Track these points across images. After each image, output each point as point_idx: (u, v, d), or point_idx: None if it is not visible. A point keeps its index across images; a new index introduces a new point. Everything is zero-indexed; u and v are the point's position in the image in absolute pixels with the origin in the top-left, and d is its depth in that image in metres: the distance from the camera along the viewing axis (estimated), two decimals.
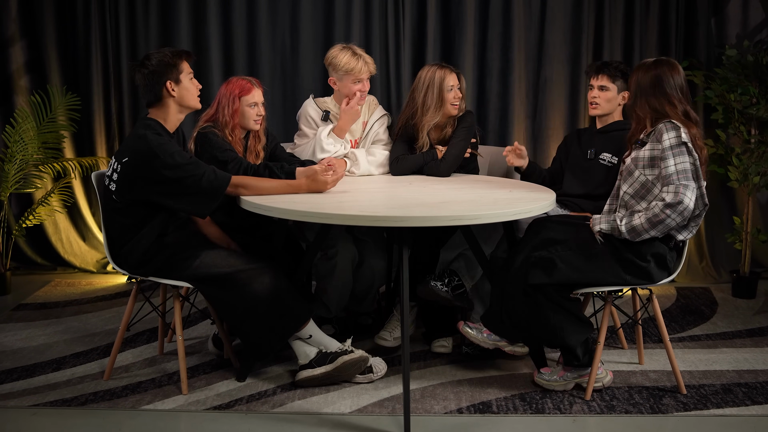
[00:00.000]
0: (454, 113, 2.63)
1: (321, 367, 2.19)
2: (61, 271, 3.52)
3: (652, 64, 2.16)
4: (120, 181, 2.11)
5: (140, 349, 2.55)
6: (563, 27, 3.34)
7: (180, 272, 2.15)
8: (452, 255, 2.46)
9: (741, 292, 3.20)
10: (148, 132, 2.10)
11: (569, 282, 2.13)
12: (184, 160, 2.08)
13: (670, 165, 2.05)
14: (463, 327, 2.26)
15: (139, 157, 2.07)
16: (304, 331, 2.21)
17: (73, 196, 3.47)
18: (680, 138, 2.06)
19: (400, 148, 2.67)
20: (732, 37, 3.35)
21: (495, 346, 2.25)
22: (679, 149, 2.05)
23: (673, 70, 2.14)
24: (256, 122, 2.46)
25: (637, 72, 2.17)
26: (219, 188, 2.12)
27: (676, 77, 2.13)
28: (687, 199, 2.03)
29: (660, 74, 2.12)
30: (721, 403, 2.16)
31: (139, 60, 2.16)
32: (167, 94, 2.13)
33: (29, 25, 3.40)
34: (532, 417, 2.08)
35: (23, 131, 3.16)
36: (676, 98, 2.12)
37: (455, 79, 2.60)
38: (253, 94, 2.43)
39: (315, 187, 2.24)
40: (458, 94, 2.61)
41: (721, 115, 3.19)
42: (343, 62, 2.55)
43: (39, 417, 2.06)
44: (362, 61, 2.56)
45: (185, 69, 2.15)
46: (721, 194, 3.44)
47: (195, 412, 2.09)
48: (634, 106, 2.16)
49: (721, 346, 2.62)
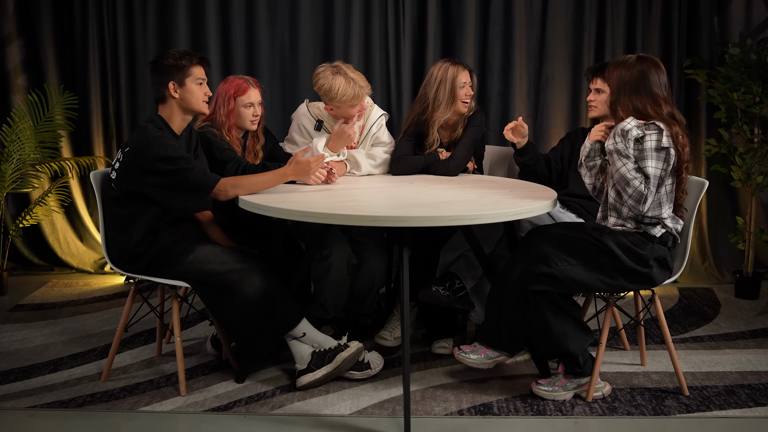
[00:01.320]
0: (464, 111, 2.61)
1: (321, 369, 2.19)
2: (59, 271, 3.51)
3: (636, 60, 2.10)
4: (120, 170, 2.15)
5: (138, 350, 2.54)
6: (565, 25, 3.32)
7: (173, 268, 2.15)
8: (452, 257, 2.44)
9: (744, 293, 3.19)
10: (149, 125, 2.15)
11: (571, 292, 2.13)
12: (177, 155, 2.10)
13: (649, 166, 2.03)
14: (458, 354, 2.20)
15: (137, 148, 2.11)
16: (298, 329, 2.20)
17: (71, 196, 3.46)
18: (661, 143, 2.03)
19: (404, 148, 2.64)
20: (735, 36, 3.33)
21: (495, 363, 2.21)
22: (659, 154, 2.03)
23: (657, 68, 2.10)
24: (253, 122, 2.45)
25: (619, 68, 2.10)
26: (206, 186, 2.13)
27: (661, 76, 2.09)
28: (647, 205, 2.04)
29: (645, 71, 2.07)
30: (724, 405, 2.15)
31: (155, 57, 2.20)
32: (169, 95, 2.15)
33: (26, 23, 3.39)
34: (534, 419, 2.07)
35: (20, 130, 3.16)
36: (662, 98, 2.08)
37: (467, 76, 2.58)
38: (248, 94, 2.41)
39: (300, 170, 2.23)
40: (469, 91, 2.59)
41: (723, 115, 3.18)
42: (339, 94, 2.41)
43: (36, 419, 2.05)
44: (357, 87, 2.44)
45: (195, 74, 2.16)
46: (724, 194, 3.43)
47: (193, 413, 2.08)
48: (616, 103, 2.10)
49: (723, 348, 2.61)
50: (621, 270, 2.09)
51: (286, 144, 2.67)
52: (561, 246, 2.10)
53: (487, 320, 2.21)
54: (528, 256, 2.11)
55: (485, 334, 2.21)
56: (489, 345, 2.20)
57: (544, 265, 2.07)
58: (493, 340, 2.18)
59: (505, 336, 2.16)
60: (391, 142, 2.71)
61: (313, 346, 2.22)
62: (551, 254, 2.08)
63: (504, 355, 2.21)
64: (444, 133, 2.67)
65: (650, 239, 2.10)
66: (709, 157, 3.25)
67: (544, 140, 3.41)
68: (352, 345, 2.21)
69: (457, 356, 2.21)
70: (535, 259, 2.09)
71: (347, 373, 2.24)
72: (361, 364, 2.25)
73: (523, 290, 2.09)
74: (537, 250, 2.10)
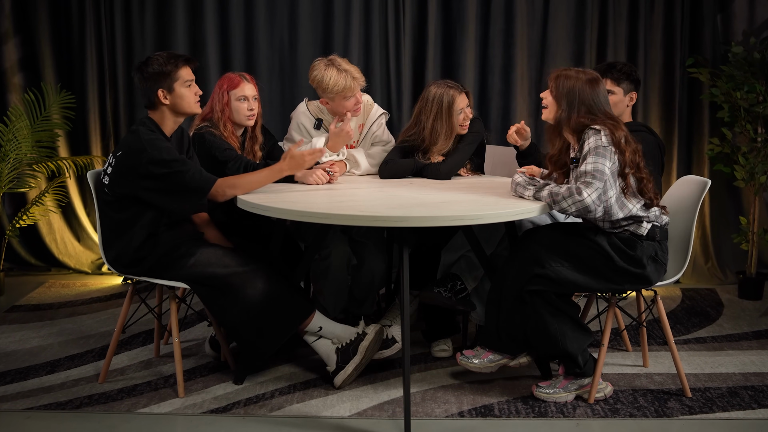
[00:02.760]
0: (463, 133, 2.58)
1: (349, 363, 2.19)
2: (56, 272, 3.50)
3: (589, 77, 2.09)
4: (113, 174, 2.13)
5: (136, 352, 2.53)
6: (566, 23, 3.31)
7: (175, 271, 2.15)
8: (454, 257, 2.43)
9: (747, 294, 3.17)
10: (141, 128, 2.13)
11: (568, 292, 2.13)
12: (172, 158, 2.09)
13: (589, 163, 2.03)
14: (461, 359, 2.20)
15: (130, 151, 2.10)
16: (313, 324, 2.20)
17: (68, 195, 3.45)
18: (599, 141, 2.03)
19: (395, 154, 2.60)
20: (738, 34, 3.32)
21: (498, 366, 2.20)
22: (598, 151, 2.02)
23: (600, 82, 2.10)
24: (249, 118, 2.43)
25: (572, 80, 2.08)
26: (203, 188, 2.12)
27: (603, 88, 2.11)
28: (585, 194, 2.00)
29: (598, 88, 2.07)
30: (727, 407, 2.14)
31: (139, 63, 2.17)
32: (160, 102, 2.14)
33: (23, 21, 3.38)
34: (535, 420, 2.06)
35: (17, 129, 3.15)
36: (608, 110, 2.09)
37: (464, 99, 2.53)
38: (241, 88, 2.40)
39: (295, 164, 2.22)
40: (468, 114, 2.55)
41: (727, 114, 3.17)
42: (330, 84, 2.40)
43: (33, 421, 2.04)
44: (350, 78, 2.42)
45: (182, 76, 2.13)
46: (727, 194, 3.42)
47: (192, 415, 2.07)
48: (568, 119, 2.08)
49: (727, 349, 2.60)
50: (615, 270, 2.09)
51: (285, 143, 2.66)
52: (554, 247, 2.10)
53: (487, 322, 2.21)
54: (522, 257, 2.12)
55: (486, 336, 2.21)
56: (490, 348, 2.20)
57: (538, 266, 2.08)
58: (493, 342, 2.18)
59: (505, 337, 2.15)
60: (390, 141, 2.70)
61: (333, 341, 2.21)
62: (544, 255, 2.08)
63: (506, 358, 2.20)
64: None
65: (639, 238, 2.10)
66: (712, 156, 3.24)
67: (545, 140, 3.38)
68: (369, 331, 2.20)
69: (459, 361, 2.21)
70: (529, 259, 2.10)
71: (377, 354, 2.24)
72: (387, 341, 2.25)
73: (519, 291, 2.09)
74: (531, 251, 2.11)
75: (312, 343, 2.23)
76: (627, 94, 2.43)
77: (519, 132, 2.51)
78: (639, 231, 2.10)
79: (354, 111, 2.52)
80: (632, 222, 2.10)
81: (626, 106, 2.46)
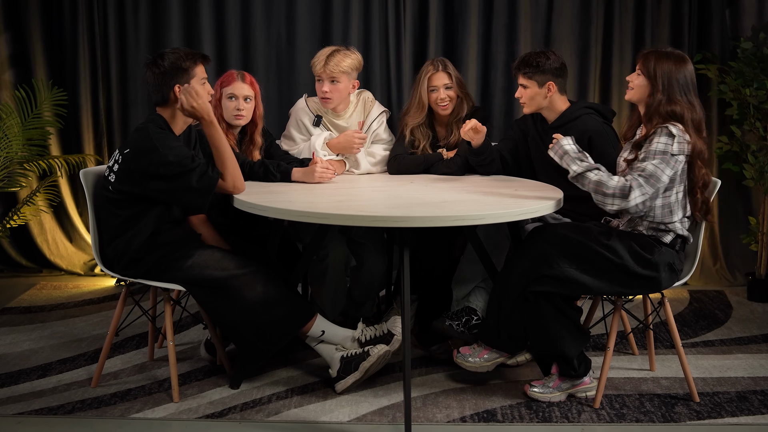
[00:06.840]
0: (442, 113, 2.55)
1: (350, 376, 2.18)
2: (47, 273, 3.48)
3: (680, 57, 2.06)
4: (120, 172, 2.11)
5: (129, 355, 2.51)
6: (571, 18, 3.28)
7: (172, 273, 2.13)
8: (466, 290, 2.38)
9: (757, 296, 3.15)
10: (150, 125, 2.11)
11: (575, 295, 2.11)
12: (180, 157, 2.07)
13: (651, 163, 2.01)
14: (456, 357, 2.21)
15: (138, 149, 2.08)
16: (315, 329, 2.18)
17: (60, 195, 3.43)
18: (669, 147, 2.01)
19: (401, 147, 2.60)
20: (747, 30, 3.29)
21: (495, 364, 2.20)
22: (665, 157, 2.00)
23: (688, 62, 2.08)
24: (236, 117, 2.39)
25: (666, 62, 2.04)
26: (209, 186, 2.10)
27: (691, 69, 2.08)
28: (632, 197, 1.99)
29: (691, 74, 2.03)
30: (736, 412, 2.11)
31: (153, 57, 2.14)
32: (174, 98, 2.11)
33: (14, 16, 3.35)
34: (539, 426, 2.04)
35: (7, 127, 3.12)
36: (698, 104, 2.06)
37: (442, 78, 2.50)
38: (233, 86, 2.38)
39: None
40: (442, 95, 2.51)
41: (735, 111, 3.15)
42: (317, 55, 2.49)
43: (24, 426, 2.02)
44: (322, 57, 2.45)
45: (198, 74, 2.12)
46: (736, 193, 3.39)
47: (187, 420, 2.05)
48: (655, 102, 2.04)
49: (736, 352, 2.58)
50: (627, 274, 2.07)
51: (283, 140, 2.66)
52: (565, 248, 2.07)
53: (488, 318, 2.20)
54: (530, 255, 2.09)
55: (485, 332, 2.20)
56: (489, 344, 2.19)
57: (547, 266, 2.05)
58: (493, 339, 2.17)
59: (505, 335, 2.15)
60: (391, 139, 2.70)
61: (338, 348, 2.21)
62: (554, 256, 2.06)
63: (504, 356, 2.20)
64: (441, 132, 2.63)
65: (659, 243, 2.09)
66: (720, 154, 3.22)
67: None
68: (373, 353, 2.18)
69: (456, 359, 2.21)
70: (538, 258, 2.07)
71: None
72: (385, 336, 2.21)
73: (524, 289, 2.07)
74: (540, 250, 2.08)
75: (315, 346, 2.21)
76: (543, 86, 2.33)
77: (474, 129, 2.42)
78: (664, 238, 2.09)
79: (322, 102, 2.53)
80: (666, 231, 2.09)
81: (546, 97, 2.34)
